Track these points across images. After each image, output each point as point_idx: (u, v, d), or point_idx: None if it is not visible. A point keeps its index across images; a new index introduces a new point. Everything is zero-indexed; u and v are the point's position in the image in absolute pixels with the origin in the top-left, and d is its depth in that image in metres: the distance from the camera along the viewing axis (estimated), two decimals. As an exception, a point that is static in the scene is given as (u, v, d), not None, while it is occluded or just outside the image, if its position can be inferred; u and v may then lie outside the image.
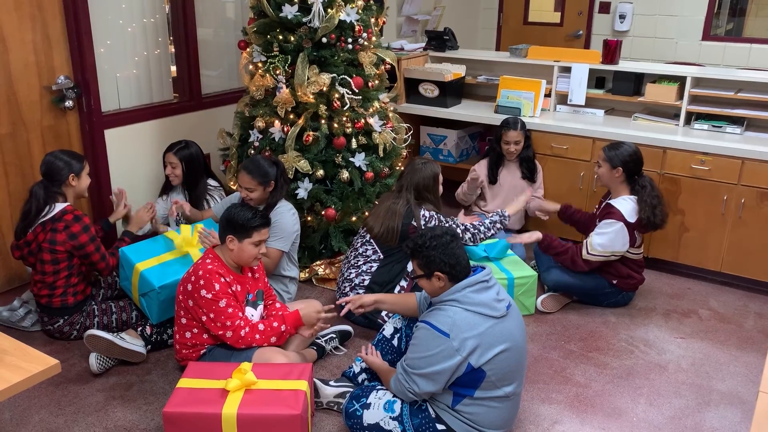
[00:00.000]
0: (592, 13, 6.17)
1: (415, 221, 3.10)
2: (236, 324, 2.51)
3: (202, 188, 3.51)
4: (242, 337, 2.51)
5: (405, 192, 3.20)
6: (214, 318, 2.49)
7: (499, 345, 2.24)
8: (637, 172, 3.26)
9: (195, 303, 2.51)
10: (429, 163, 3.27)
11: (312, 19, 3.34)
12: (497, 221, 3.29)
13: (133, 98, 3.83)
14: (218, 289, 2.49)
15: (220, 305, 2.49)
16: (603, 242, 3.20)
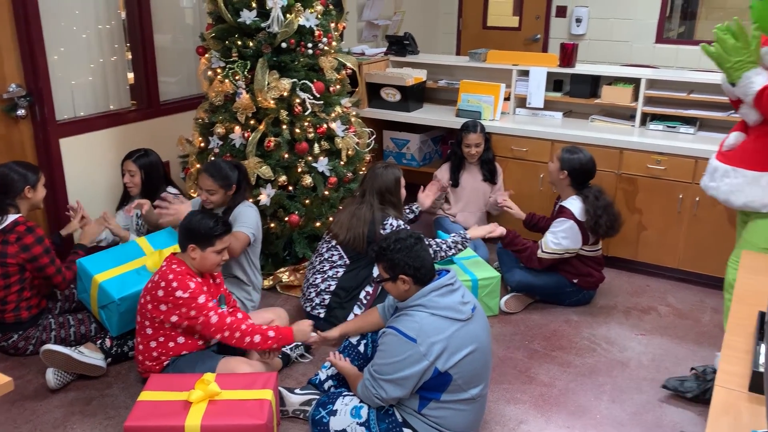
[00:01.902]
0: (549, 17, 6.28)
1: (382, 229, 3.10)
2: (220, 311, 2.48)
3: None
4: (227, 323, 2.47)
5: (368, 197, 3.19)
6: (195, 315, 2.45)
7: (465, 348, 2.26)
8: (583, 181, 3.33)
9: (171, 305, 2.45)
10: (391, 167, 3.27)
11: (271, 24, 3.32)
12: (459, 242, 3.29)
13: (89, 106, 3.75)
14: (194, 287, 2.46)
15: (200, 301, 2.45)
16: (557, 240, 3.27)
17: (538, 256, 3.32)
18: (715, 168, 2.60)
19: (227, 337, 2.48)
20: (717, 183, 2.58)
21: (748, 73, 2.41)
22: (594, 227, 3.26)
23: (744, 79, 2.41)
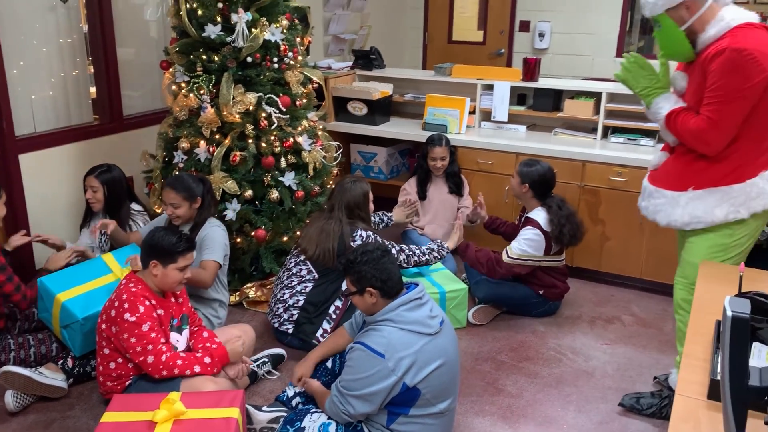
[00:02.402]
0: (513, 31, 6.38)
1: (352, 242, 3.10)
2: (158, 348, 2.41)
3: (125, 213, 3.39)
4: (163, 362, 2.41)
5: (337, 211, 3.19)
6: (135, 342, 2.39)
7: (433, 362, 2.26)
8: (544, 192, 3.39)
9: (119, 328, 2.41)
10: (359, 181, 3.28)
11: (236, 38, 3.31)
12: (435, 250, 3.32)
13: (50, 121, 3.68)
14: (142, 312, 2.40)
15: (143, 329, 2.40)
16: (522, 247, 3.31)
17: (504, 261, 3.35)
18: (644, 188, 2.67)
19: (166, 376, 2.43)
20: (646, 203, 2.65)
21: (657, 99, 2.48)
22: (558, 236, 3.31)
23: (654, 105, 2.49)
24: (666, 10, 2.35)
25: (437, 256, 3.32)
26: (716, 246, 2.45)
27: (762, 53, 2.19)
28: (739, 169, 2.34)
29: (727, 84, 2.23)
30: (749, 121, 2.29)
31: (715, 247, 2.46)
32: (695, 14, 2.32)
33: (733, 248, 2.45)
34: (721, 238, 2.44)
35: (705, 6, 2.30)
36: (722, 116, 2.27)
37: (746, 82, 2.20)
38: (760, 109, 2.27)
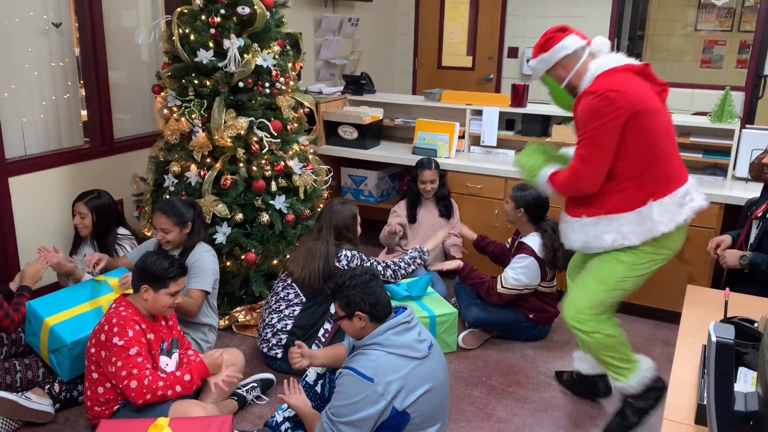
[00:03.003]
0: (502, 57, 6.47)
1: (337, 262, 3.11)
2: (142, 373, 2.40)
3: (113, 239, 3.39)
4: (146, 386, 2.38)
5: (324, 233, 3.20)
6: (121, 366, 2.38)
7: (422, 386, 2.26)
8: (539, 215, 3.42)
9: (108, 352, 2.40)
10: (347, 203, 3.30)
11: (228, 64, 3.34)
12: (417, 257, 3.35)
13: (40, 144, 3.69)
14: (131, 336, 2.39)
15: (131, 353, 2.39)
16: (516, 276, 3.33)
17: (498, 291, 3.36)
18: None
19: (150, 400, 2.41)
20: (560, 226, 2.77)
21: (538, 178, 2.66)
22: (552, 260, 3.33)
23: (539, 177, 2.65)
24: (546, 71, 2.56)
25: (420, 262, 3.34)
26: (612, 269, 2.53)
27: (614, 91, 2.31)
28: (626, 200, 2.43)
29: (587, 125, 2.36)
30: (624, 156, 2.37)
31: (611, 270, 2.53)
32: (571, 72, 2.49)
33: (633, 271, 2.53)
34: (616, 263, 2.52)
35: (579, 62, 2.47)
36: (590, 154, 2.38)
37: (601, 119, 2.31)
38: (629, 143, 2.35)
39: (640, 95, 2.33)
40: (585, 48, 2.50)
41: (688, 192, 2.43)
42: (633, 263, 2.49)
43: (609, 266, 2.52)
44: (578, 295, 2.58)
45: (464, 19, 6.65)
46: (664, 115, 2.42)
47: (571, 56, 2.48)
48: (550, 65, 2.53)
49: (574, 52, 2.48)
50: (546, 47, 2.52)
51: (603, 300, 2.56)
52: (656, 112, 2.35)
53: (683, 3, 6.58)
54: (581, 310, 2.55)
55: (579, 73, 2.47)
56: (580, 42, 2.50)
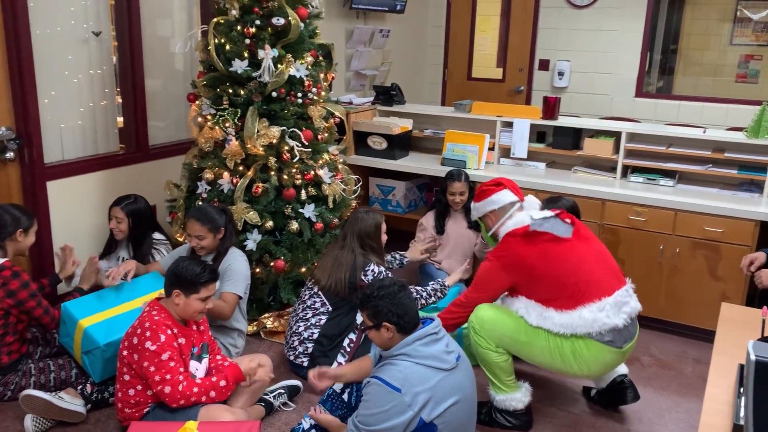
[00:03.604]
0: (533, 69, 6.45)
1: (363, 276, 3.11)
2: (175, 378, 2.43)
3: (148, 244, 3.45)
4: (180, 392, 2.42)
5: (349, 240, 3.21)
6: (154, 371, 2.42)
7: (450, 398, 2.25)
8: None
9: (139, 356, 2.44)
10: (372, 212, 3.30)
11: (262, 74, 3.39)
12: (438, 290, 3.30)
13: (77, 149, 3.77)
14: (163, 341, 2.43)
15: (163, 358, 2.42)
16: None
17: None
18: None
19: (183, 405, 2.44)
20: None
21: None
22: None
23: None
24: (480, 216, 2.91)
25: (440, 296, 3.30)
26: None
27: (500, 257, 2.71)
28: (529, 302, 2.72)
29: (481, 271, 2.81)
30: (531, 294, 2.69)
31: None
32: (496, 224, 2.83)
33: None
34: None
35: (505, 216, 2.80)
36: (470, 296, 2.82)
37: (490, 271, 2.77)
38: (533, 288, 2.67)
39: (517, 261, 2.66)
40: (515, 203, 2.81)
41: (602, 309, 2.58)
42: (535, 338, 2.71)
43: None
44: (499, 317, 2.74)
45: (495, 31, 6.65)
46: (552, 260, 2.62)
47: (498, 211, 2.82)
48: (481, 214, 2.88)
49: (501, 208, 2.81)
50: (479, 198, 2.88)
51: (507, 344, 2.73)
52: (534, 268, 2.63)
53: (718, 17, 6.49)
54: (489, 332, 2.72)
55: (503, 227, 2.78)
56: (510, 198, 2.81)
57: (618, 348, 2.60)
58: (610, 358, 2.62)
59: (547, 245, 2.64)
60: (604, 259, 2.72)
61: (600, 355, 2.59)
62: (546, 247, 2.64)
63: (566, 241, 2.65)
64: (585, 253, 2.67)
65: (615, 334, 2.57)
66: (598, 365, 2.63)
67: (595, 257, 2.69)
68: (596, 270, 2.64)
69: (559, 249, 2.64)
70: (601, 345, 2.57)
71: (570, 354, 2.61)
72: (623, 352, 2.63)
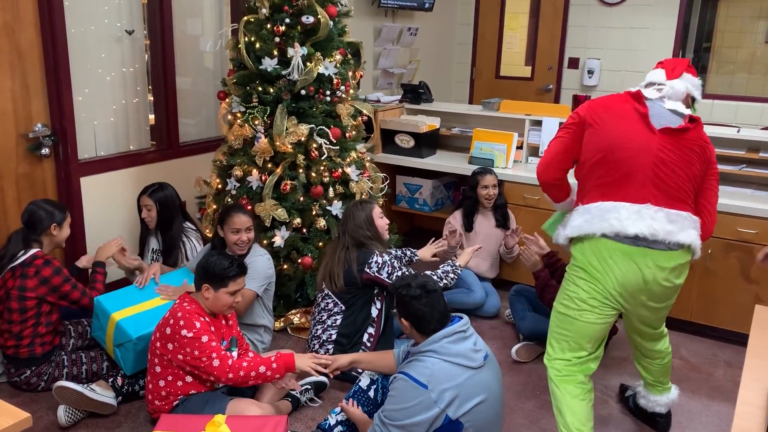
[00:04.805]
0: (562, 68, 6.40)
1: (368, 268, 3.11)
2: (223, 354, 2.48)
3: (177, 230, 3.47)
4: (230, 365, 2.46)
5: (343, 237, 3.22)
6: (199, 354, 2.45)
7: (476, 396, 2.25)
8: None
9: (177, 344, 2.47)
10: (362, 203, 3.28)
11: (291, 72, 3.41)
12: (450, 271, 3.27)
13: (110, 146, 3.84)
14: (199, 327, 2.47)
15: (203, 340, 2.46)
16: None
17: None
18: None
19: (232, 378, 2.47)
20: None
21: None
22: None
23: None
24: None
25: (453, 277, 3.28)
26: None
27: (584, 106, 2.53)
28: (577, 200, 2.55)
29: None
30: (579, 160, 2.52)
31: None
32: None
33: (564, 288, 2.52)
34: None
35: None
36: (550, 146, 2.63)
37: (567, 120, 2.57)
38: (582, 149, 2.48)
39: (595, 112, 2.46)
40: (654, 84, 2.60)
41: (613, 210, 2.31)
42: (569, 284, 2.48)
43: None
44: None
45: (523, 29, 6.60)
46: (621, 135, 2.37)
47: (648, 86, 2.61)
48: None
49: (647, 83, 2.63)
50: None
51: (553, 325, 2.53)
52: (602, 129, 2.41)
53: (753, 14, 6.36)
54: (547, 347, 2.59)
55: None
56: (655, 78, 2.63)
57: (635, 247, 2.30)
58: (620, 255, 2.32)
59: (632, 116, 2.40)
60: (667, 174, 2.32)
61: (590, 254, 2.37)
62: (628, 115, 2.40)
63: (646, 127, 2.37)
64: (649, 149, 2.33)
65: (631, 240, 2.31)
66: (619, 266, 2.34)
67: (652, 159, 2.32)
68: (644, 172, 2.32)
69: (635, 126, 2.37)
70: (614, 243, 2.32)
71: (575, 260, 2.43)
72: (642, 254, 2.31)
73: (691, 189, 2.38)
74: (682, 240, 2.29)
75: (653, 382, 2.80)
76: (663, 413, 2.86)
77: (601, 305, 2.39)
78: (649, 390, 2.85)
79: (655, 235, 2.27)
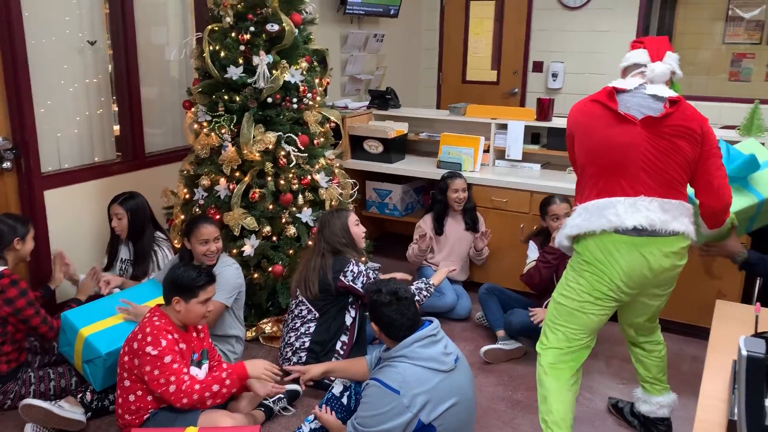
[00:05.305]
0: (527, 71, 6.48)
1: (342, 276, 3.12)
2: (180, 378, 2.44)
3: (148, 239, 3.45)
4: (183, 390, 2.43)
5: (319, 245, 3.23)
6: (158, 374, 2.43)
7: (449, 399, 2.27)
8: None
9: (140, 360, 2.45)
10: (339, 211, 3.31)
11: (257, 80, 3.41)
12: (423, 288, 3.28)
13: (74, 158, 3.78)
14: (164, 346, 2.44)
15: (165, 361, 2.43)
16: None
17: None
18: None
19: (187, 404, 2.45)
20: None
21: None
22: None
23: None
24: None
25: (426, 295, 3.28)
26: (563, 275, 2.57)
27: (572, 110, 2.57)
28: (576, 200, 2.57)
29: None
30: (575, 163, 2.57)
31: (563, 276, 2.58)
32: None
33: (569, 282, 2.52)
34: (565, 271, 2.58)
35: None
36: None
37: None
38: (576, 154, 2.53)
39: (576, 120, 2.52)
40: (640, 66, 2.55)
41: (610, 206, 2.36)
42: (572, 279, 2.50)
43: (561, 280, 2.59)
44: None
45: (488, 34, 6.68)
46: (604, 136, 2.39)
47: (627, 68, 2.62)
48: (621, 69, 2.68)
49: (629, 66, 2.61)
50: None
51: (552, 316, 2.53)
52: (584, 134, 2.46)
53: (711, 16, 6.53)
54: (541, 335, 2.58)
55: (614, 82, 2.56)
56: (639, 58, 2.57)
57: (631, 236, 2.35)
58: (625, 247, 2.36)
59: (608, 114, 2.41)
60: (655, 163, 2.36)
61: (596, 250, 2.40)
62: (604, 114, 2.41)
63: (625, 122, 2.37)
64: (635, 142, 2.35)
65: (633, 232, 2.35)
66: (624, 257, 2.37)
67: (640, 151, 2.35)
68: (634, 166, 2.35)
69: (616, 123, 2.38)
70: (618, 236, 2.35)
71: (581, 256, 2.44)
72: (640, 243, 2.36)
73: (682, 175, 2.39)
74: (676, 228, 2.34)
75: (652, 380, 2.79)
76: (666, 416, 2.83)
77: (604, 297, 2.43)
78: (649, 392, 2.82)
79: (653, 225, 2.33)
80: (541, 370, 2.50)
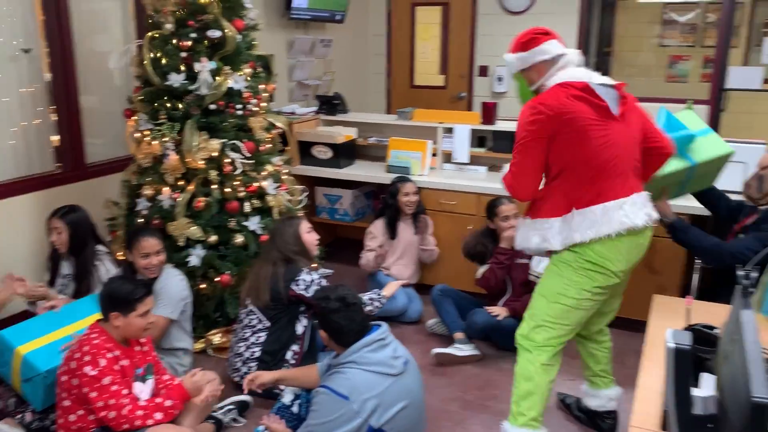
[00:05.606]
0: (473, 76, 6.57)
1: (295, 285, 3.10)
2: (119, 402, 2.37)
3: (90, 254, 3.33)
4: (124, 416, 2.36)
5: (271, 254, 3.21)
6: (96, 396, 2.36)
7: (398, 403, 2.28)
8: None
9: (79, 381, 2.38)
10: (292, 219, 3.31)
11: (199, 87, 3.37)
12: (375, 299, 3.26)
13: (11, 170, 3.66)
14: (103, 366, 2.37)
15: (104, 382, 2.36)
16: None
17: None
18: None
19: (128, 429, 2.38)
20: None
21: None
22: None
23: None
24: (521, 70, 2.51)
25: (378, 305, 3.26)
26: (551, 280, 2.49)
27: (542, 103, 2.32)
28: (555, 206, 2.40)
29: (517, 136, 2.39)
30: (555, 164, 2.37)
31: (550, 281, 2.49)
32: (542, 77, 2.44)
33: (571, 286, 2.43)
34: (553, 275, 2.48)
35: (552, 69, 2.43)
36: (518, 165, 2.40)
37: (526, 129, 2.34)
38: (558, 153, 2.34)
39: (565, 111, 2.30)
40: (563, 56, 2.43)
41: (621, 207, 2.34)
42: (569, 277, 2.43)
43: (549, 278, 2.50)
44: (529, 314, 2.55)
45: (436, 39, 6.75)
46: (600, 130, 2.32)
47: (547, 62, 2.43)
48: (526, 66, 2.48)
49: (552, 59, 2.42)
50: (527, 47, 2.46)
51: (546, 315, 2.48)
52: (581, 128, 2.30)
53: (648, 19, 6.75)
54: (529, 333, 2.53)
55: (553, 77, 2.41)
56: (560, 49, 2.44)
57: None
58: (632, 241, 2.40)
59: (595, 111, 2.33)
60: (631, 154, 2.41)
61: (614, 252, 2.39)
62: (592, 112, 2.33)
63: (610, 118, 2.35)
64: (619, 139, 2.36)
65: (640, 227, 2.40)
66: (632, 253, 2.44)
67: (624, 148, 2.37)
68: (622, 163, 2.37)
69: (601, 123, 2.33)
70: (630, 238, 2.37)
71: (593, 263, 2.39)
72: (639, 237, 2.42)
73: (641, 158, 2.48)
74: (655, 215, 2.46)
75: (601, 372, 2.84)
76: (614, 410, 2.89)
77: (603, 292, 2.47)
78: (598, 386, 2.87)
79: (653, 219, 2.43)
80: (533, 369, 2.48)
